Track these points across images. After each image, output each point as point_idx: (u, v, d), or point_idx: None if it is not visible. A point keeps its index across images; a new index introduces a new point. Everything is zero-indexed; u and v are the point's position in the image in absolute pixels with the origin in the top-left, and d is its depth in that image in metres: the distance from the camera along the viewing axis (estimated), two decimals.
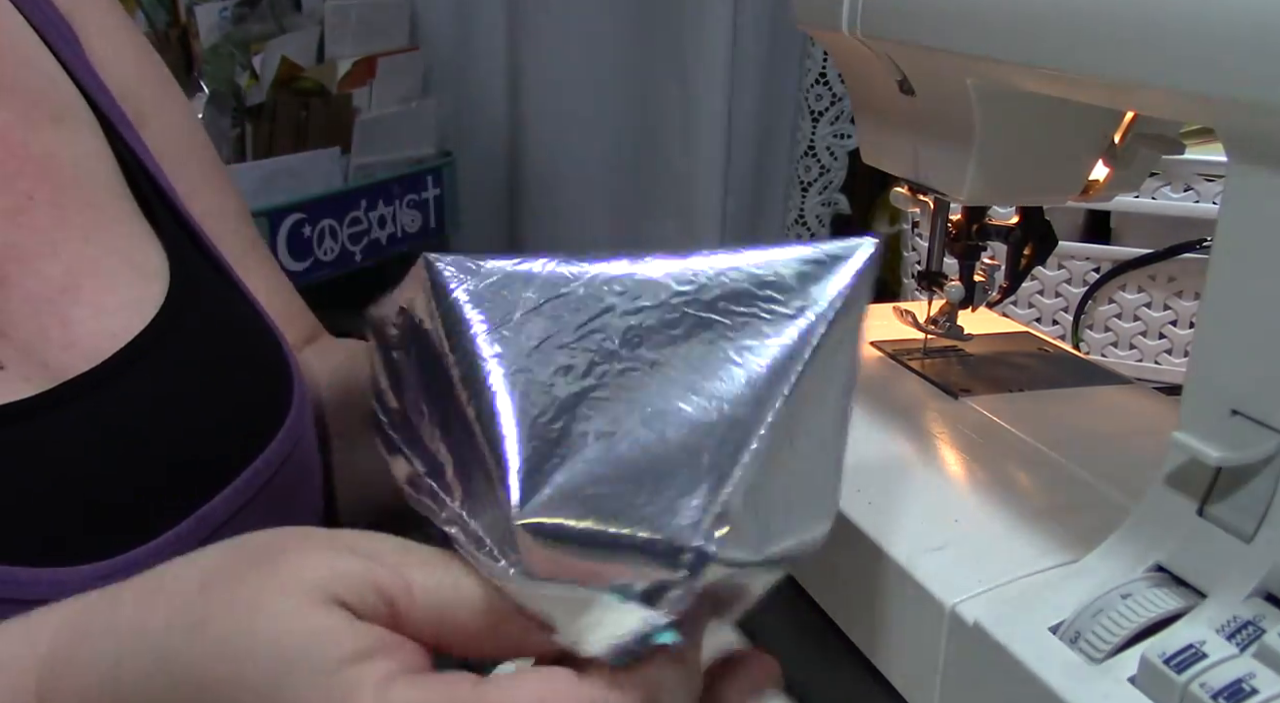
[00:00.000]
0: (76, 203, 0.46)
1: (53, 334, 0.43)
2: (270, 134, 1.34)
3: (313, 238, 1.36)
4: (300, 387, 0.50)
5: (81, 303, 0.44)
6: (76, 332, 0.43)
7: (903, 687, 0.41)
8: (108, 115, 0.50)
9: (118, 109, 0.51)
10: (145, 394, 0.43)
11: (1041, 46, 0.39)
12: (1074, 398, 0.55)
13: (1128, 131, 0.49)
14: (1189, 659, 0.32)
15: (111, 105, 0.51)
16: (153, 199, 0.50)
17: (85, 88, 0.50)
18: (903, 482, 0.47)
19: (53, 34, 0.50)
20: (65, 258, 0.45)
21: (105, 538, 0.40)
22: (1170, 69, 0.33)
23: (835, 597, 0.46)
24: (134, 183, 0.50)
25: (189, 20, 1.32)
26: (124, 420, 0.42)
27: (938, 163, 0.51)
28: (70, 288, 0.44)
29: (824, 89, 1.49)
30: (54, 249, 0.45)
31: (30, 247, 0.44)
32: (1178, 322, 0.78)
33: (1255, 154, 0.33)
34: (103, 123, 0.50)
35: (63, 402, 0.41)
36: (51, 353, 0.43)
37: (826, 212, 1.55)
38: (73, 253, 0.45)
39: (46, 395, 0.40)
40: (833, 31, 0.51)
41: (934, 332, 0.59)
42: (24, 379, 0.41)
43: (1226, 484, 0.35)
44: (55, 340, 0.43)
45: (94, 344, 0.43)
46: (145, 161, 0.51)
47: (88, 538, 0.39)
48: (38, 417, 0.40)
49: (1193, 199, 0.75)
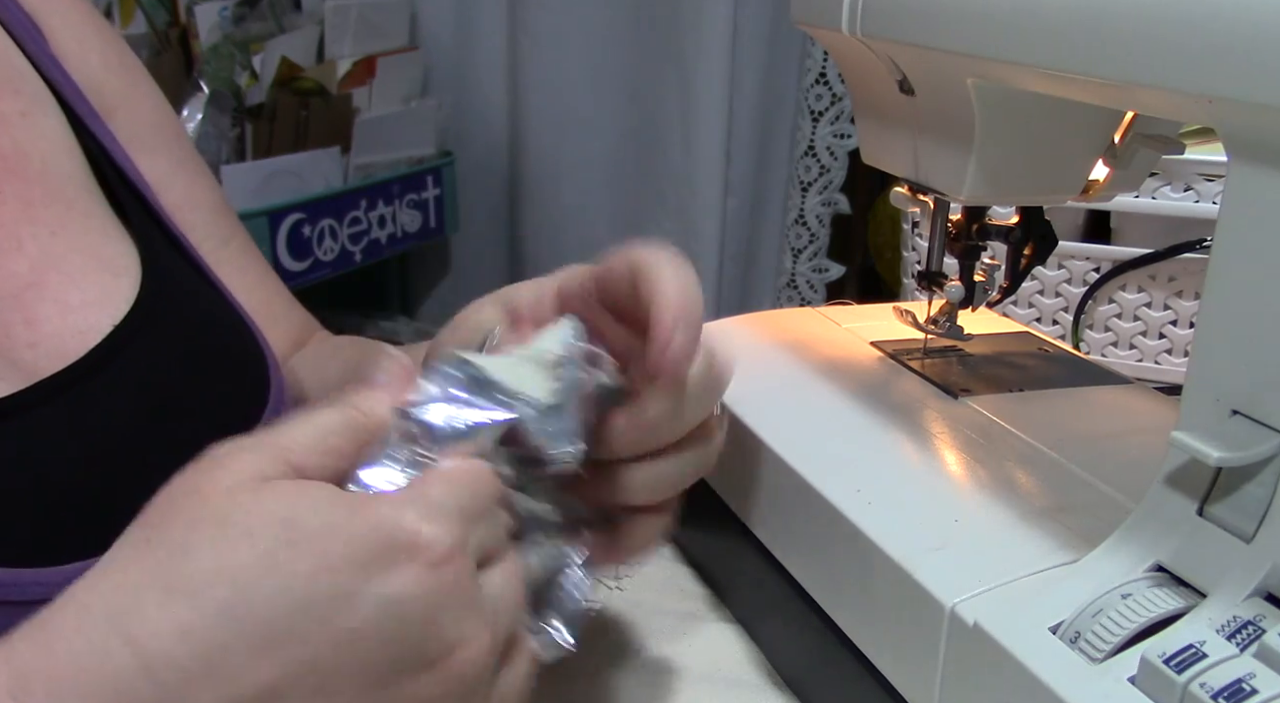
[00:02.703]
0: (44, 198, 0.46)
1: (17, 332, 0.43)
2: (270, 134, 1.34)
3: (313, 238, 1.36)
4: (278, 377, 0.50)
5: (46, 300, 0.44)
6: (41, 330, 0.43)
7: (903, 687, 0.41)
8: (75, 109, 0.50)
9: (85, 102, 0.51)
10: (122, 391, 0.43)
11: (1041, 46, 0.39)
12: (1074, 398, 0.55)
13: (1128, 131, 0.49)
14: (1189, 659, 0.32)
15: (79, 98, 0.51)
16: (122, 193, 0.49)
17: (52, 82, 0.50)
18: (903, 482, 0.47)
19: (19, 30, 0.50)
20: (31, 253, 0.44)
21: (86, 537, 0.39)
22: (1170, 69, 0.33)
23: (835, 597, 0.46)
24: (103, 177, 0.49)
25: (189, 20, 1.32)
26: (102, 418, 0.42)
27: (938, 163, 0.51)
28: (35, 284, 0.44)
29: (824, 89, 1.49)
30: (19, 245, 0.44)
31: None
32: (1178, 322, 0.78)
33: (1255, 154, 0.33)
34: (70, 117, 0.50)
35: (39, 401, 0.41)
36: (17, 351, 0.42)
37: (826, 212, 1.55)
38: (39, 248, 0.44)
39: (22, 395, 0.40)
40: (832, 31, 0.51)
41: (934, 332, 0.59)
42: None
43: (1226, 484, 0.35)
44: (20, 338, 0.43)
45: (60, 342, 0.43)
46: (114, 154, 0.50)
47: (69, 537, 0.39)
48: (14, 417, 0.40)
49: (1193, 199, 0.75)
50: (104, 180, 0.49)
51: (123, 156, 0.51)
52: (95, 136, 0.50)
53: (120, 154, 0.51)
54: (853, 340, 0.62)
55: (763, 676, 0.52)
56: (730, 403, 0.55)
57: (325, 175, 1.38)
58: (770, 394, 0.56)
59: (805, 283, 1.59)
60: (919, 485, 0.47)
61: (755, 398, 0.55)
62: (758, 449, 0.51)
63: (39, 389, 0.41)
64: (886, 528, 0.43)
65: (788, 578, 0.49)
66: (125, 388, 0.43)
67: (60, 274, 0.44)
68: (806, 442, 0.51)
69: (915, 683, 0.41)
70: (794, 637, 0.50)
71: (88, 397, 0.42)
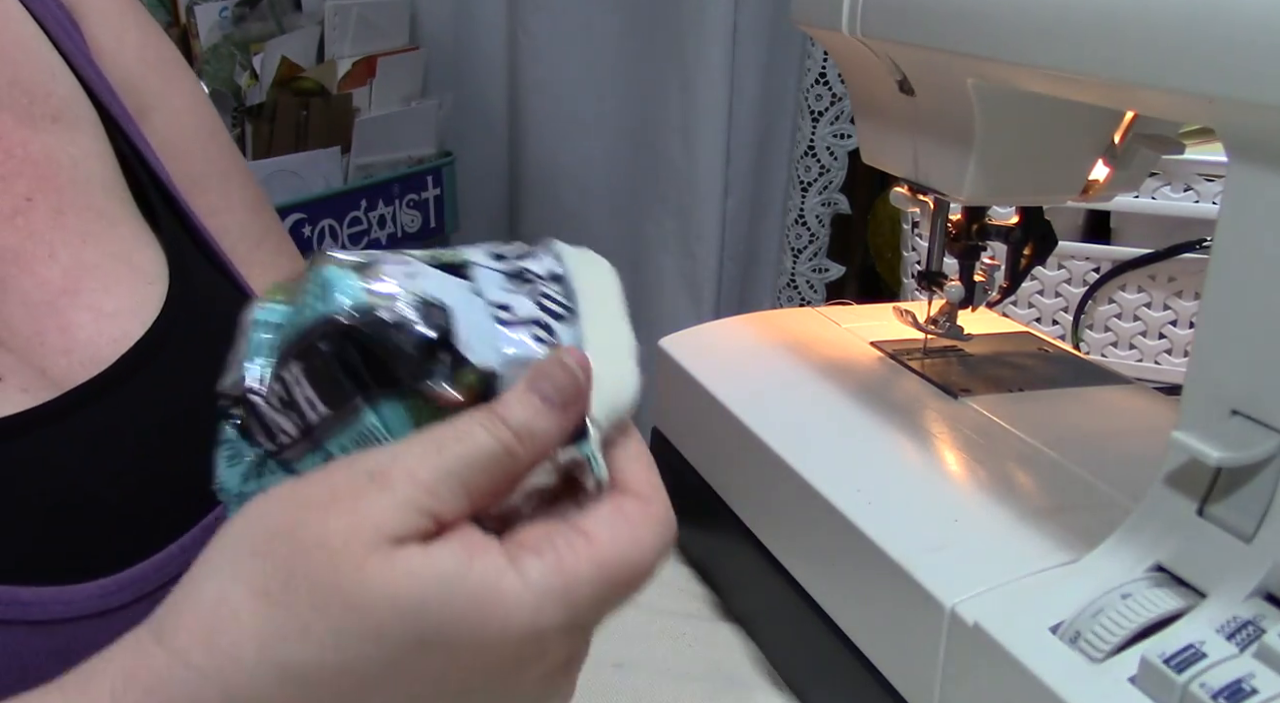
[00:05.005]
0: (75, 205, 0.45)
1: (51, 339, 0.42)
2: (270, 134, 1.34)
3: (313, 238, 1.36)
4: None
5: (80, 307, 0.44)
6: (75, 337, 0.43)
7: (903, 687, 0.41)
8: (109, 110, 0.49)
9: (119, 103, 0.50)
10: (147, 402, 0.43)
11: (1041, 46, 0.39)
12: (1074, 398, 0.55)
13: (1128, 131, 0.49)
14: (1189, 659, 0.32)
15: (113, 99, 0.50)
16: (154, 197, 0.49)
17: (87, 82, 0.49)
18: (903, 482, 0.47)
19: (54, 26, 0.49)
20: (63, 261, 0.44)
21: (110, 553, 0.39)
22: (1170, 69, 0.33)
23: (835, 597, 0.46)
24: (135, 181, 0.49)
25: (189, 20, 1.32)
26: (127, 430, 0.42)
27: (938, 163, 0.51)
28: (68, 291, 0.44)
29: (824, 89, 1.49)
30: (51, 252, 0.44)
31: (27, 250, 0.43)
32: (1178, 322, 0.78)
33: (1255, 154, 0.33)
34: (104, 118, 0.49)
35: (64, 413, 0.40)
36: (50, 359, 0.42)
37: (826, 212, 1.55)
38: (70, 256, 0.44)
39: (47, 407, 0.40)
40: (832, 31, 0.51)
41: (934, 332, 0.59)
42: (22, 390, 0.40)
43: (1226, 484, 0.35)
44: (53, 346, 0.42)
45: (93, 349, 0.43)
46: (147, 158, 0.50)
47: (92, 554, 0.39)
48: (39, 429, 0.39)
49: (1193, 199, 0.75)
50: (135, 184, 0.49)
51: (155, 159, 0.50)
52: (129, 139, 0.49)
53: (153, 157, 0.50)
54: (853, 340, 0.62)
55: (763, 676, 0.52)
56: (730, 403, 0.55)
57: (325, 175, 1.38)
58: (770, 394, 0.56)
59: (805, 283, 1.59)
60: (919, 485, 0.47)
61: (755, 398, 0.55)
62: (758, 449, 0.51)
63: (63, 401, 0.40)
64: (886, 528, 0.43)
65: (788, 578, 0.49)
66: (154, 396, 0.43)
67: (93, 281, 0.44)
68: (806, 442, 0.51)
69: (915, 683, 0.41)
70: (794, 637, 0.50)
71: (112, 408, 0.41)
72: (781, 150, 1.55)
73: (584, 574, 0.29)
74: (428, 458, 0.29)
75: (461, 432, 0.29)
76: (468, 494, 0.29)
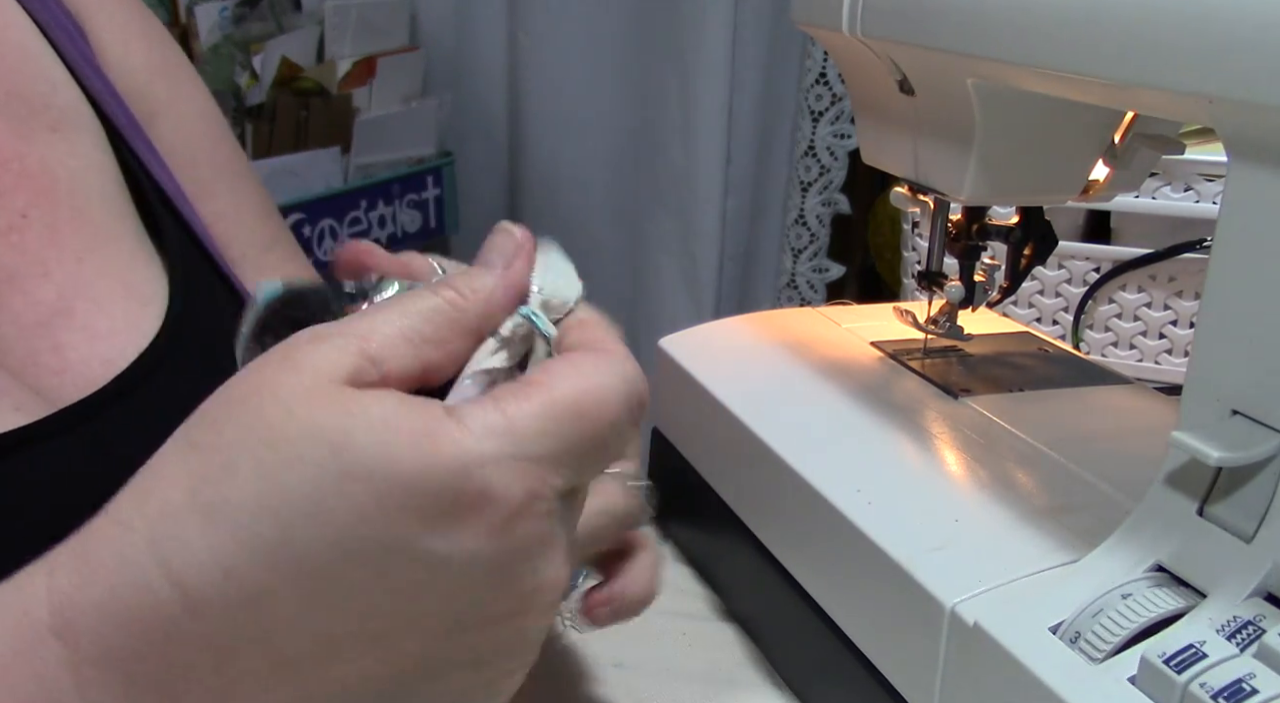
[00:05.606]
0: (71, 221, 0.45)
1: (44, 359, 0.42)
2: (270, 134, 1.34)
3: (313, 238, 1.36)
4: None
5: (74, 327, 0.43)
6: (68, 357, 0.42)
7: (903, 687, 0.41)
8: (113, 120, 0.48)
9: (125, 112, 0.50)
10: (143, 422, 0.42)
11: (1041, 46, 0.39)
12: (1074, 398, 0.55)
13: (1128, 131, 0.49)
14: (1189, 659, 0.32)
15: (119, 107, 0.49)
16: (158, 208, 0.48)
17: (91, 90, 0.48)
18: (903, 482, 0.47)
19: (58, 32, 0.48)
20: (57, 279, 0.43)
21: None
22: (1170, 69, 0.33)
23: (835, 597, 0.46)
24: (139, 191, 0.48)
25: (189, 20, 1.32)
26: (122, 450, 0.41)
27: (938, 163, 0.51)
28: (62, 311, 0.43)
29: (824, 89, 1.49)
30: (45, 270, 0.43)
31: (21, 267, 0.43)
32: (1178, 322, 0.78)
33: (1255, 154, 0.33)
34: (107, 128, 0.48)
35: (57, 432, 0.40)
36: (43, 378, 0.42)
37: (826, 212, 1.55)
38: (65, 274, 0.43)
39: (40, 425, 0.39)
40: (832, 31, 0.51)
41: (934, 332, 0.59)
42: (15, 409, 0.40)
43: (1226, 484, 0.35)
44: (47, 366, 0.42)
45: (87, 370, 0.42)
46: (152, 168, 0.49)
47: None
48: (31, 448, 0.39)
49: (1193, 199, 0.75)
50: (139, 194, 0.48)
51: (160, 169, 0.50)
52: (132, 149, 0.49)
53: (158, 166, 0.50)
54: (853, 340, 0.62)
55: (763, 676, 0.52)
56: (730, 403, 0.55)
57: (325, 175, 1.38)
58: (770, 394, 0.56)
59: (805, 283, 1.59)
60: (919, 485, 0.47)
61: (755, 398, 0.55)
62: (758, 449, 0.51)
63: (56, 420, 0.40)
64: (886, 528, 0.43)
65: (788, 578, 0.49)
66: (149, 417, 0.42)
67: (88, 301, 0.43)
68: (806, 442, 0.51)
69: (915, 683, 0.41)
70: (794, 637, 0.50)
71: (110, 426, 0.41)
72: (782, 150, 1.55)
73: (528, 409, 0.27)
74: (366, 315, 0.28)
75: (405, 296, 0.29)
76: (409, 341, 0.28)
